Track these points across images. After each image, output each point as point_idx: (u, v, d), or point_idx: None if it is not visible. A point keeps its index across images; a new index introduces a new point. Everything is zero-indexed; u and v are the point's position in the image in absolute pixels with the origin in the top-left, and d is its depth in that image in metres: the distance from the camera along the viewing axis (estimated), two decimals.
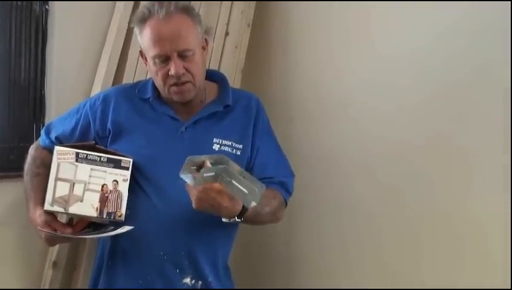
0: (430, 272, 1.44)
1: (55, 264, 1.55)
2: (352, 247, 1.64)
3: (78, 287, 1.57)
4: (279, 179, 1.38)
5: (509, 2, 1.27)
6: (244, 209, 1.18)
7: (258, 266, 1.93)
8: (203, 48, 1.33)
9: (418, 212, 1.47)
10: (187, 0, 1.33)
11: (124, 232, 1.22)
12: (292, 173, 1.45)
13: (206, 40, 1.35)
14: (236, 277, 1.48)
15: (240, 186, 1.12)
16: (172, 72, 1.24)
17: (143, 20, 1.25)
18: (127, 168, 1.27)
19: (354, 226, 1.63)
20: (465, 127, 1.37)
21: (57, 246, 1.54)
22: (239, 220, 1.20)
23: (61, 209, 1.23)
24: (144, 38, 1.26)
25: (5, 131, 1.53)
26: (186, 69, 1.25)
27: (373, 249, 1.58)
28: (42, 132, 1.42)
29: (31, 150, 1.40)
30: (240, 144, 1.35)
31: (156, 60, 1.25)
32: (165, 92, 1.30)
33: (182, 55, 1.24)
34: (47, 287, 1.55)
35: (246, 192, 1.12)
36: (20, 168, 1.38)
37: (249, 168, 1.36)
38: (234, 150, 1.34)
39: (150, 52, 1.25)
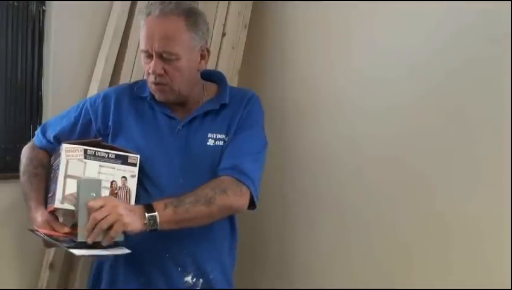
0: (426, 271, 1.45)
1: (51, 266, 1.55)
2: (348, 247, 1.64)
3: (75, 288, 1.57)
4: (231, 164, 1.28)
5: (509, 2, 1.28)
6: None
7: (254, 267, 1.93)
8: (202, 57, 1.32)
9: (416, 213, 1.48)
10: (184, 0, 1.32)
11: (118, 254, 1.20)
12: (255, 164, 1.31)
13: (207, 49, 1.33)
14: (234, 277, 1.47)
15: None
16: (150, 69, 1.26)
17: (145, 16, 1.28)
18: (135, 164, 1.26)
19: (350, 226, 1.64)
20: (465, 127, 1.37)
21: (53, 248, 1.54)
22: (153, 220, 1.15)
23: (71, 207, 1.21)
24: (140, 32, 1.29)
25: (2, 132, 1.52)
26: (165, 72, 1.25)
27: (369, 249, 1.59)
28: (38, 131, 1.41)
29: (26, 151, 1.40)
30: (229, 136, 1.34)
31: (142, 55, 1.28)
32: (149, 87, 1.32)
33: (164, 57, 1.24)
34: (44, 288, 1.55)
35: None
36: (17, 169, 1.37)
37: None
38: (226, 143, 1.33)
39: (140, 46, 1.30)
